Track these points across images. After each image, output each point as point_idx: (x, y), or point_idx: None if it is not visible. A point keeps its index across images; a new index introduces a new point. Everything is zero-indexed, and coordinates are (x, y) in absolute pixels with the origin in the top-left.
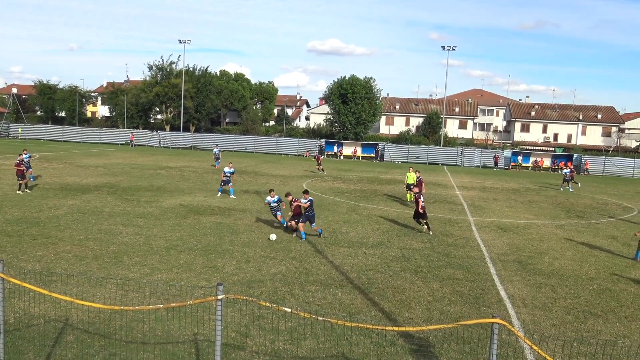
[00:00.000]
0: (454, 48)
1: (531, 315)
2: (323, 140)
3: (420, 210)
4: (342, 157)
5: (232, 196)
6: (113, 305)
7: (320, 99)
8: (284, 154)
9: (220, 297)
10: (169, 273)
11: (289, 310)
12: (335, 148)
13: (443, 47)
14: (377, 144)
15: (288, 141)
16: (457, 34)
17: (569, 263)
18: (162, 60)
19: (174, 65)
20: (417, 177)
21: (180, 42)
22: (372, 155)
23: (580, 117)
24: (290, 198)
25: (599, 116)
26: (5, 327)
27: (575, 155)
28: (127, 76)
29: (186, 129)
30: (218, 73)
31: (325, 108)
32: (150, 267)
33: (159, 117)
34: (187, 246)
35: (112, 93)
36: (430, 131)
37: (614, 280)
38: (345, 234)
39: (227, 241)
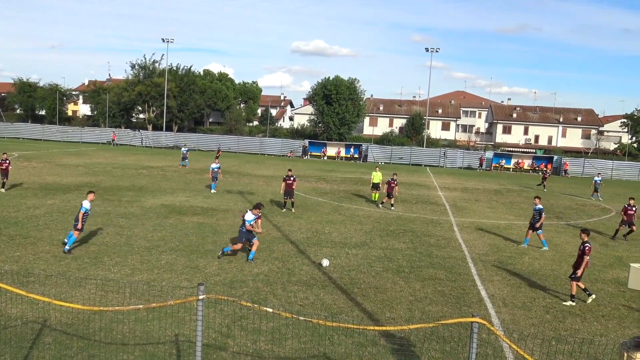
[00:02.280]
0: (438, 50)
1: (511, 315)
2: (307, 141)
3: (290, 189)
4: (325, 158)
5: (212, 190)
6: (92, 306)
7: (304, 99)
8: (267, 154)
9: (201, 297)
10: (150, 273)
11: (271, 310)
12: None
13: (427, 49)
14: (361, 145)
15: (272, 141)
16: (440, 36)
17: (548, 263)
18: (145, 59)
19: (157, 64)
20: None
21: (164, 41)
22: (356, 155)
23: (561, 120)
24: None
25: (579, 119)
26: None
27: (555, 157)
28: (109, 75)
29: (169, 129)
30: (202, 72)
31: (309, 109)
32: (131, 267)
33: (141, 116)
34: (168, 246)
35: (93, 92)
36: (414, 132)
37: (591, 280)
38: (328, 234)
39: (210, 241)
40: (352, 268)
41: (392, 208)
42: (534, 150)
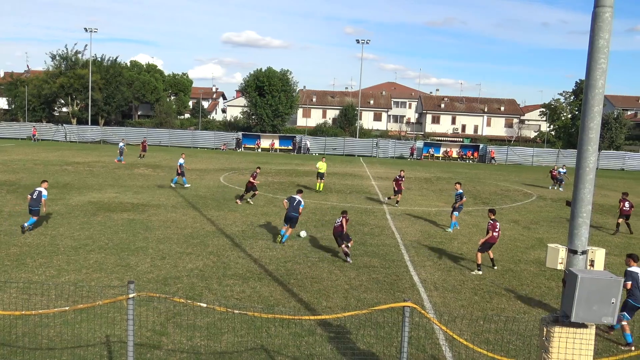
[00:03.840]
0: (368, 42)
1: (442, 298)
2: (240, 133)
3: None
4: (259, 150)
5: (186, 185)
6: (14, 311)
7: (237, 91)
8: (200, 148)
9: (131, 295)
10: (78, 274)
11: (204, 305)
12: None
13: (357, 41)
14: (295, 136)
15: (204, 134)
16: (371, 28)
17: (476, 247)
18: (67, 49)
19: (79, 55)
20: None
21: (87, 31)
22: (290, 147)
23: (485, 110)
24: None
25: (502, 108)
26: None
27: (481, 145)
28: (28, 66)
29: (95, 122)
30: (128, 64)
31: (242, 100)
32: (56, 268)
33: (64, 109)
34: (97, 245)
35: (10, 84)
36: (346, 123)
37: (515, 261)
38: (264, 226)
39: (141, 238)
40: (288, 259)
41: (397, 204)
42: (462, 139)
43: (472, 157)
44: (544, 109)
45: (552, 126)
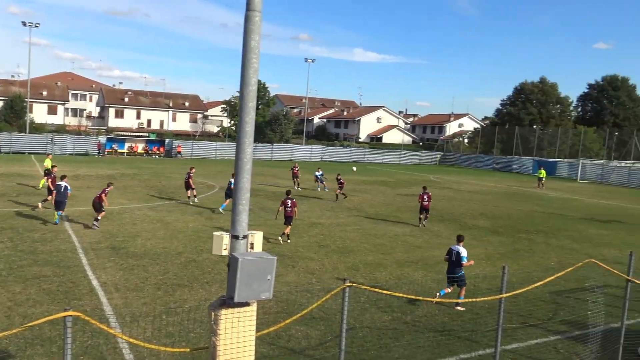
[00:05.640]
0: (37, 25)
1: (123, 299)
2: None
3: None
4: None
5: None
6: None
7: None
8: None
9: None
10: None
11: None
12: None
13: (24, 23)
14: None
15: None
16: (42, 10)
17: (160, 242)
18: None
19: None
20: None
21: None
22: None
23: (171, 105)
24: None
25: (187, 104)
26: None
27: (167, 140)
28: None
29: None
30: None
31: None
32: None
33: None
34: None
35: None
36: (14, 116)
37: (198, 251)
38: None
39: None
40: None
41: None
42: (147, 134)
43: (158, 152)
44: (224, 106)
45: (232, 121)
